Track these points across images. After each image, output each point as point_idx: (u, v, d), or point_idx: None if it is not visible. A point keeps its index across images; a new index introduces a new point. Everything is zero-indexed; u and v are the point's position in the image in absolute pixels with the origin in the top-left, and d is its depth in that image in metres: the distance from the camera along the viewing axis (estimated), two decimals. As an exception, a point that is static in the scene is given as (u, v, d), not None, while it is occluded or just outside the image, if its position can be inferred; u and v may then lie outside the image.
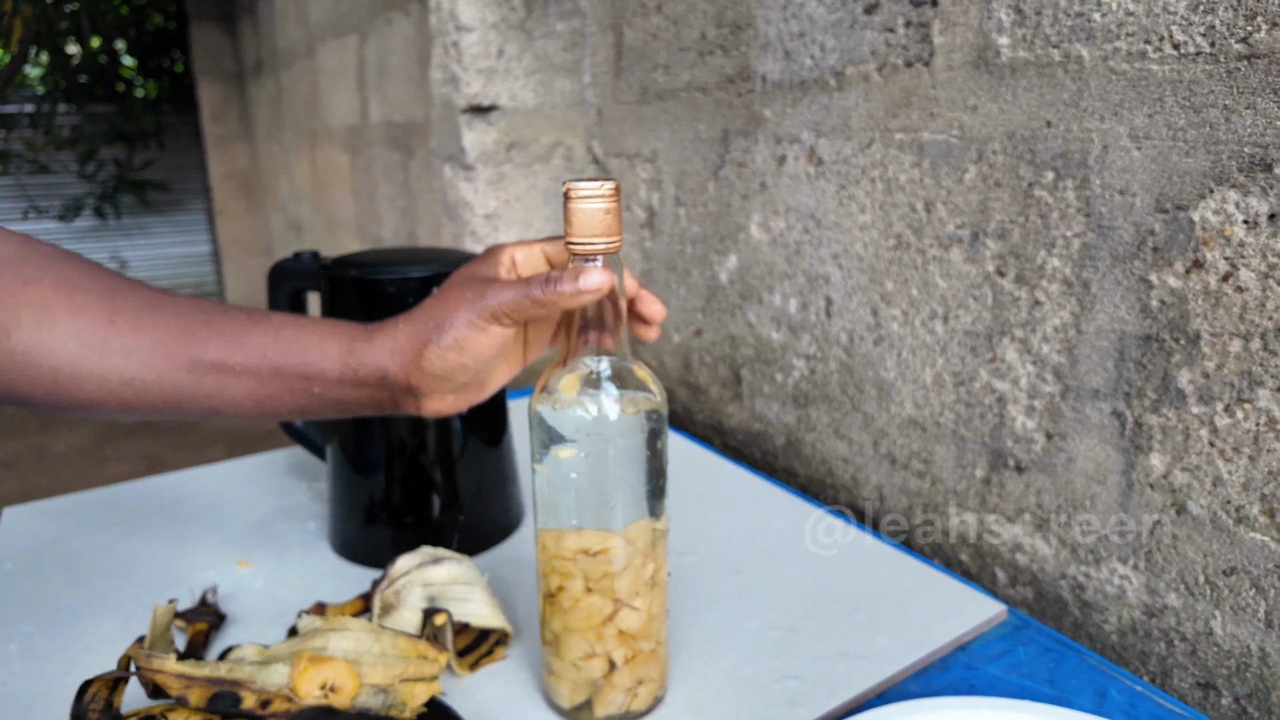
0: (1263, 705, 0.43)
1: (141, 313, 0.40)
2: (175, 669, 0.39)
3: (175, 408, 0.41)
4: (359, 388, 0.41)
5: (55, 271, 0.40)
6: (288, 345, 0.41)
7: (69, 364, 0.39)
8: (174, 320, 0.40)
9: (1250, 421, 0.42)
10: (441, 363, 0.40)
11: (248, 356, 0.40)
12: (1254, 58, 0.39)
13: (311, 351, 0.41)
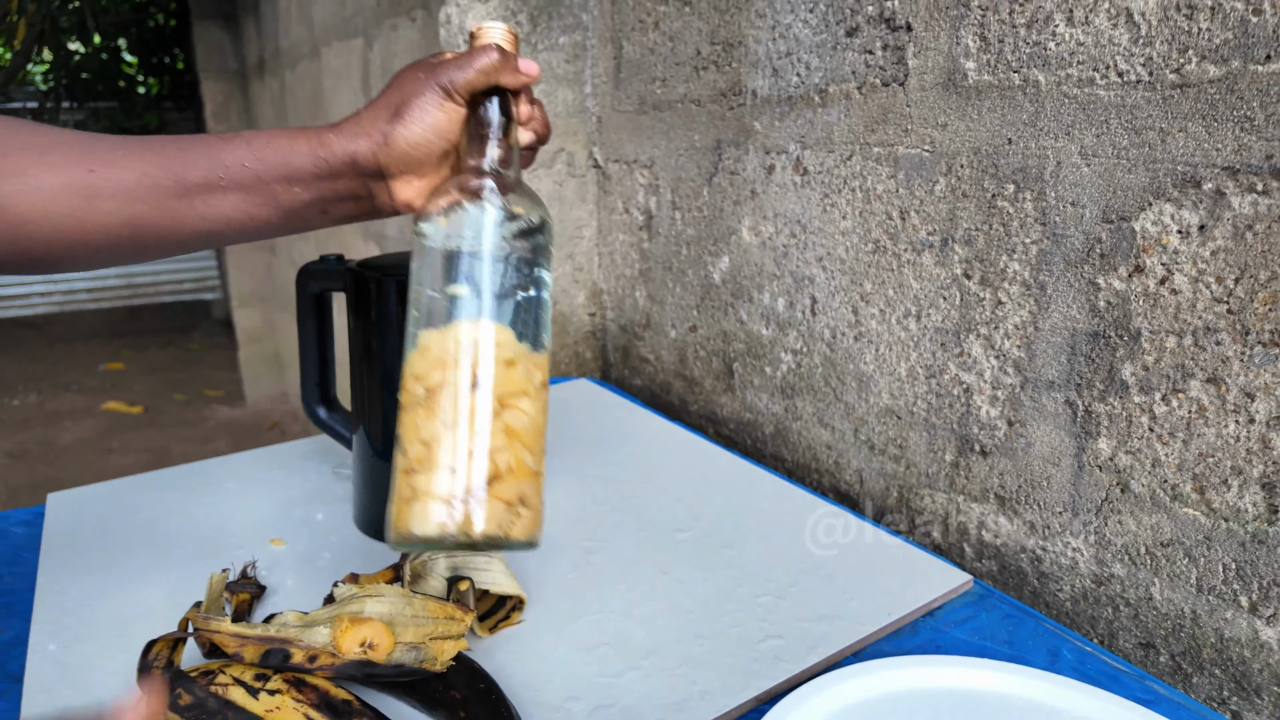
0: (1194, 661, 0.48)
1: (117, 155, 0.41)
2: (231, 629, 0.45)
3: (175, 238, 0.43)
4: (334, 179, 0.43)
5: (19, 138, 0.41)
6: (263, 152, 0.42)
7: (66, 217, 0.41)
8: (151, 154, 0.42)
9: (1183, 409, 0.47)
10: (407, 139, 0.42)
11: (229, 170, 0.42)
12: (1185, 86, 0.44)
13: (286, 152, 0.42)
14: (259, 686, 0.42)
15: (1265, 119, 0.41)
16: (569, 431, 0.82)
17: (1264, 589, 0.45)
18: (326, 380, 0.68)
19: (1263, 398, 0.43)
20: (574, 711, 0.45)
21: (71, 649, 0.50)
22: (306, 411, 0.68)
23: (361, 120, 0.43)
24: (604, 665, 0.48)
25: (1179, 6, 0.44)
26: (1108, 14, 0.47)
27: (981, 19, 0.54)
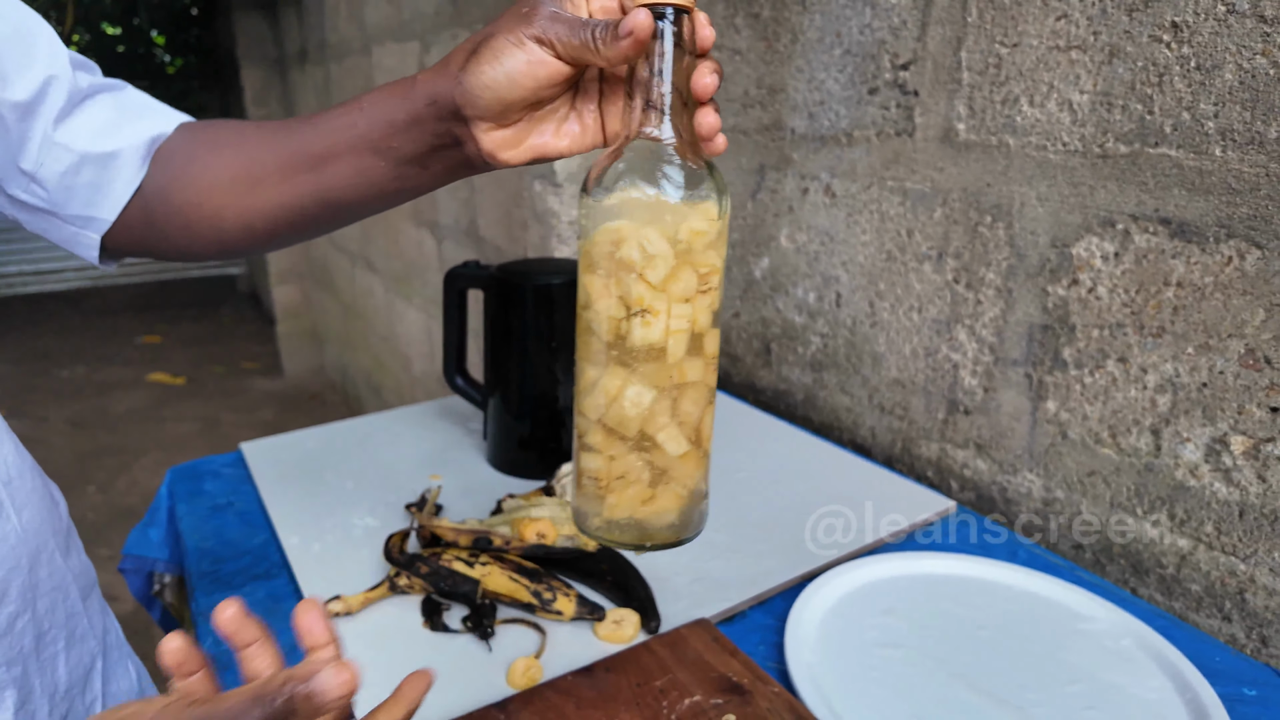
0: (1108, 555, 0.69)
1: (263, 144, 0.46)
2: (449, 524, 0.66)
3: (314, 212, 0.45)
4: (421, 124, 0.40)
5: (232, 124, 0.48)
6: (369, 109, 0.42)
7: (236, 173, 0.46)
8: (283, 135, 0.45)
9: (1103, 380, 0.67)
10: (480, 78, 0.37)
11: (342, 135, 0.42)
12: (1105, 157, 0.64)
13: (383, 104, 0.41)
14: (473, 560, 0.63)
15: (1154, 184, 0.61)
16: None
17: (1151, 502, 0.65)
18: (462, 357, 0.89)
19: (1152, 372, 0.64)
20: (679, 581, 0.66)
21: (315, 546, 0.71)
22: (448, 380, 0.89)
23: (446, 59, 0.39)
24: (694, 557, 0.69)
25: (1103, 103, 0.63)
26: (1056, 102, 0.66)
27: (970, 94, 0.73)
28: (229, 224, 0.47)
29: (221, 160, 0.47)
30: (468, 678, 0.56)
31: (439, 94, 0.39)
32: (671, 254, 0.35)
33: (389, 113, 0.41)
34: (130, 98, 0.50)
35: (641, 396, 0.36)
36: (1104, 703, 0.54)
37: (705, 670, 0.54)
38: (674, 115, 0.35)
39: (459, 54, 0.38)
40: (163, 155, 0.49)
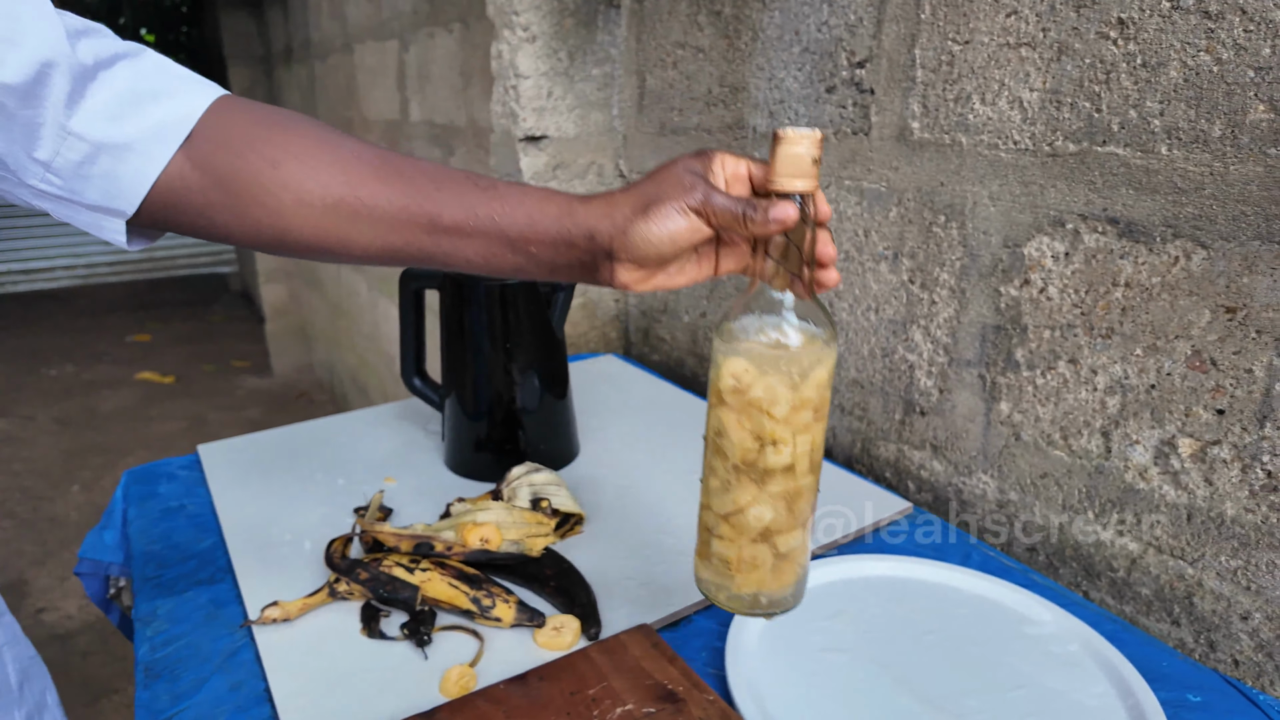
0: (1060, 557, 0.69)
1: (380, 182, 0.45)
2: (390, 530, 0.65)
3: (418, 262, 0.47)
4: (569, 248, 0.44)
5: (314, 129, 0.46)
6: (514, 210, 0.44)
7: (327, 233, 0.45)
8: (411, 189, 0.45)
9: (1054, 381, 0.66)
10: (644, 236, 0.42)
11: (479, 221, 0.44)
12: (1055, 156, 0.63)
13: (535, 215, 0.44)
14: (414, 566, 0.62)
15: (1102, 183, 0.60)
16: (601, 397, 1.02)
17: (1102, 504, 0.65)
18: (421, 358, 0.88)
19: (1102, 373, 0.63)
20: (626, 585, 0.65)
21: (261, 551, 0.70)
22: (405, 381, 0.88)
23: (613, 203, 0.43)
24: (644, 560, 0.68)
25: (1053, 101, 0.63)
26: (1007, 100, 0.66)
27: (924, 92, 0.72)
28: (309, 241, 0.46)
29: (315, 176, 0.45)
30: (403, 686, 0.55)
31: (599, 232, 0.43)
32: (795, 397, 0.42)
33: (538, 223, 0.44)
34: (148, 69, 0.45)
35: (768, 508, 0.44)
36: (1044, 709, 0.53)
37: (641, 678, 0.54)
38: (796, 269, 0.41)
39: (624, 204, 0.43)
40: (216, 140, 0.45)
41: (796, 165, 0.39)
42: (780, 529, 0.44)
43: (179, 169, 0.45)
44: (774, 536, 0.44)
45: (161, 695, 0.55)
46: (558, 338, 0.82)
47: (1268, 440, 0.54)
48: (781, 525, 0.44)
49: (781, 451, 0.43)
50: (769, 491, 0.43)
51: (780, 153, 0.39)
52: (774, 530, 0.44)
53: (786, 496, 0.44)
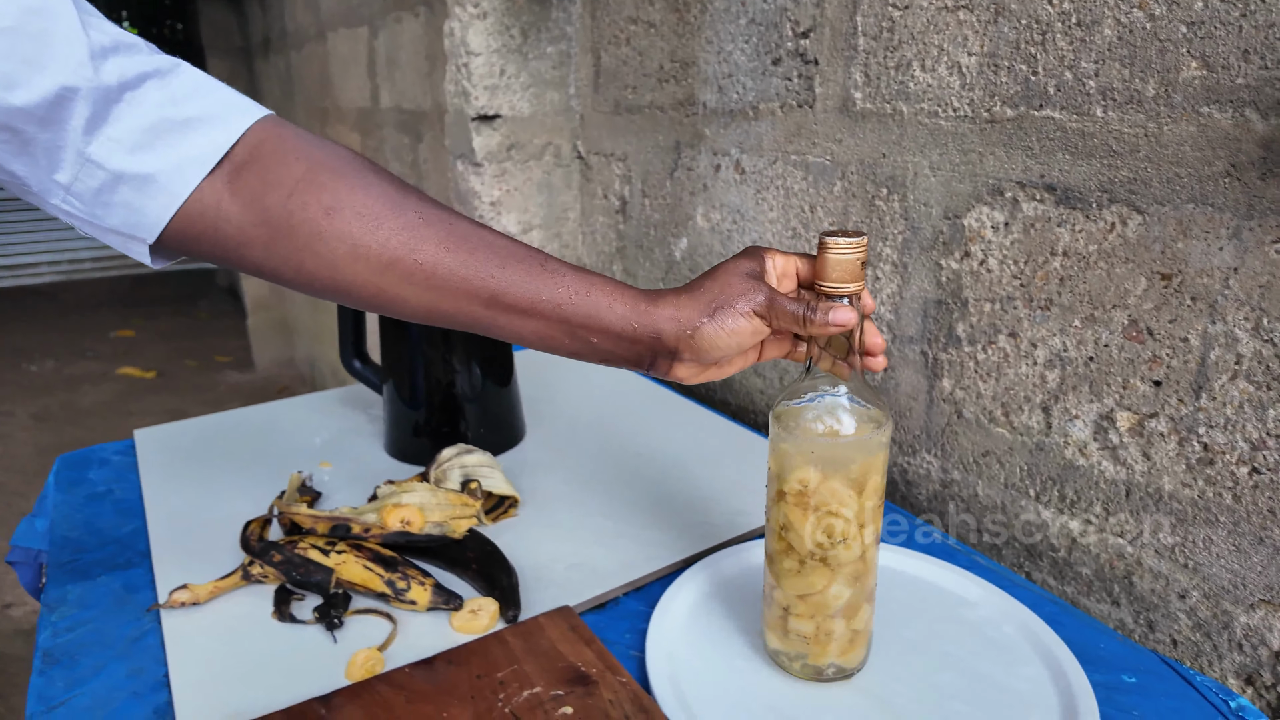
0: (1004, 539, 0.67)
1: (447, 239, 0.44)
2: (307, 512, 0.63)
3: (467, 328, 0.46)
4: (632, 344, 0.45)
5: (376, 179, 0.44)
6: (581, 300, 0.44)
7: (379, 291, 0.44)
8: (475, 260, 0.44)
9: (995, 356, 0.64)
10: (712, 339, 0.44)
11: (543, 306, 0.44)
12: (993, 122, 0.61)
13: (602, 309, 0.44)
14: (329, 548, 0.60)
15: (1039, 148, 0.58)
16: (556, 385, 1.00)
17: (1043, 483, 0.63)
18: (360, 339, 0.85)
19: (1042, 346, 0.61)
20: (555, 568, 0.63)
21: (183, 536, 0.68)
22: (344, 364, 0.86)
23: (680, 305, 0.44)
24: (579, 543, 0.66)
25: (990, 65, 0.60)
26: (946, 66, 0.63)
27: (866, 60, 0.70)
28: (360, 294, 0.45)
29: (374, 234, 0.43)
30: (308, 670, 0.53)
31: (666, 334, 0.44)
32: (858, 497, 0.46)
33: (602, 316, 0.45)
34: (180, 90, 0.43)
35: (842, 593, 0.48)
36: (970, 693, 0.51)
37: (554, 660, 0.52)
38: (843, 355, 0.44)
39: (691, 307, 0.44)
40: (265, 178, 0.43)
41: (846, 270, 0.42)
42: (853, 604, 0.48)
43: (215, 200, 0.43)
44: (848, 612, 0.48)
45: (56, 681, 0.53)
46: (497, 317, 0.80)
47: (1203, 412, 0.52)
48: (854, 600, 0.48)
49: (851, 547, 0.46)
50: (841, 575, 0.47)
51: (830, 260, 0.41)
52: (848, 606, 0.48)
53: (857, 575, 0.48)
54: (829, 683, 0.51)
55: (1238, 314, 0.49)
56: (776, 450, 0.47)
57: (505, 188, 1.10)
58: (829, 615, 0.49)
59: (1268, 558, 0.51)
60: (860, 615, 0.50)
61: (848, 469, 0.45)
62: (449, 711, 0.48)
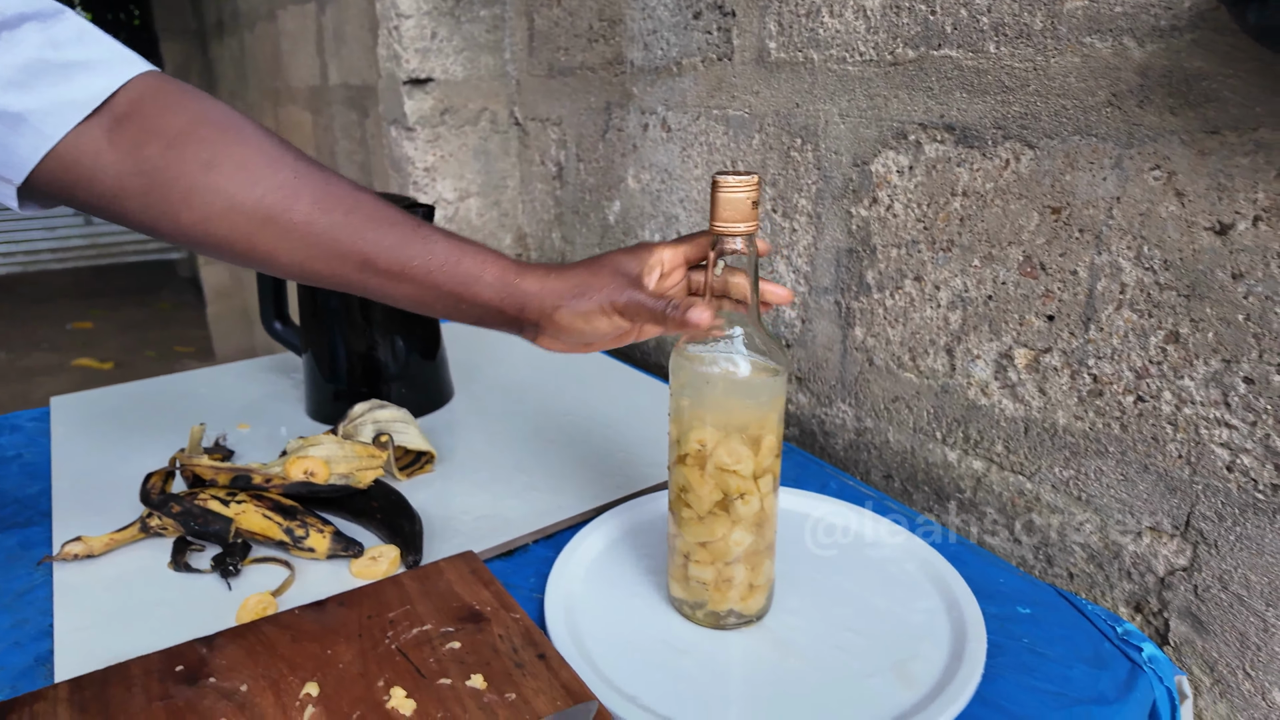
0: (913, 481, 0.67)
1: (323, 199, 0.44)
2: (208, 462, 0.62)
3: (341, 288, 0.48)
4: (499, 313, 0.48)
5: (256, 135, 0.45)
6: (452, 267, 0.46)
7: (266, 217, 0.43)
8: (348, 220, 0.45)
9: (902, 301, 0.65)
10: (569, 322, 0.47)
11: (414, 271, 0.46)
12: (896, 64, 0.61)
13: (472, 276, 0.46)
14: (229, 499, 0.59)
15: (939, 89, 0.58)
16: (487, 354, 0.99)
17: (948, 425, 0.63)
18: (281, 302, 0.84)
19: (944, 289, 0.61)
20: (463, 520, 0.62)
21: (87, 495, 0.67)
22: (265, 326, 0.84)
23: (547, 282, 0.47)
24: (492, 495, 0.66)
25: (893, 6, 0.61)
26: (852, 10, 0.63)
27: (779, 9, 0.70)
28: (233, 247, 0.45)
29: (250, 189, 0.44)
30: (199, 618, 0.52)
31: (529, 308, 0.47)
32: (753, 455, 0.46)
33: (472, 285, 0.47)
34: (62, 35, 0.42)
35: (742, 539, 0.48)
36: (865, 626, 0.51)
37: (449, 601, 0.51)
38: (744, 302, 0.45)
39: (557, 285, 0.47)
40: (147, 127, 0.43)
41: (737, 210, 0.42)
42: (754, 551, 0.49)
43: (93, 148, 0.42)
44: (747, 558, 0.49)
45: None
46: (417, 275, 0.79)
47: (1092, 344, 0.53)
48: (755, 548, 0.49)
49: (750, 502, 0.47)
50: (742, 523, 0.48)
51: (721, 199, 0.42)
52: (747, 553, 0.48)
53: (758, 523, 0.48)
54: (734, 629, 0.51)
55: (1121, 243, 0.50)
56: (676, 408, 0.47)
57: (439, 153, 1.08)
58: (729, 562, 0.49)
59: (1152, 485, 0.51)
60: (762, 566, 0.50)
61: (743, 417, 0.45)
62: (334, 649, 0.47)
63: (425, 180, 1.09)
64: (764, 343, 0.46)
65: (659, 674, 0.47)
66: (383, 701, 0.43)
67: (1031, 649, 0.50)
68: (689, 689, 0.46)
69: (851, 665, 0.48)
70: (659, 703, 0.45)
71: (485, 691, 0.44)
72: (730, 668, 0.49)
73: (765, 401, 0.46)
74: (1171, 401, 0.49)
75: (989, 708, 0.45)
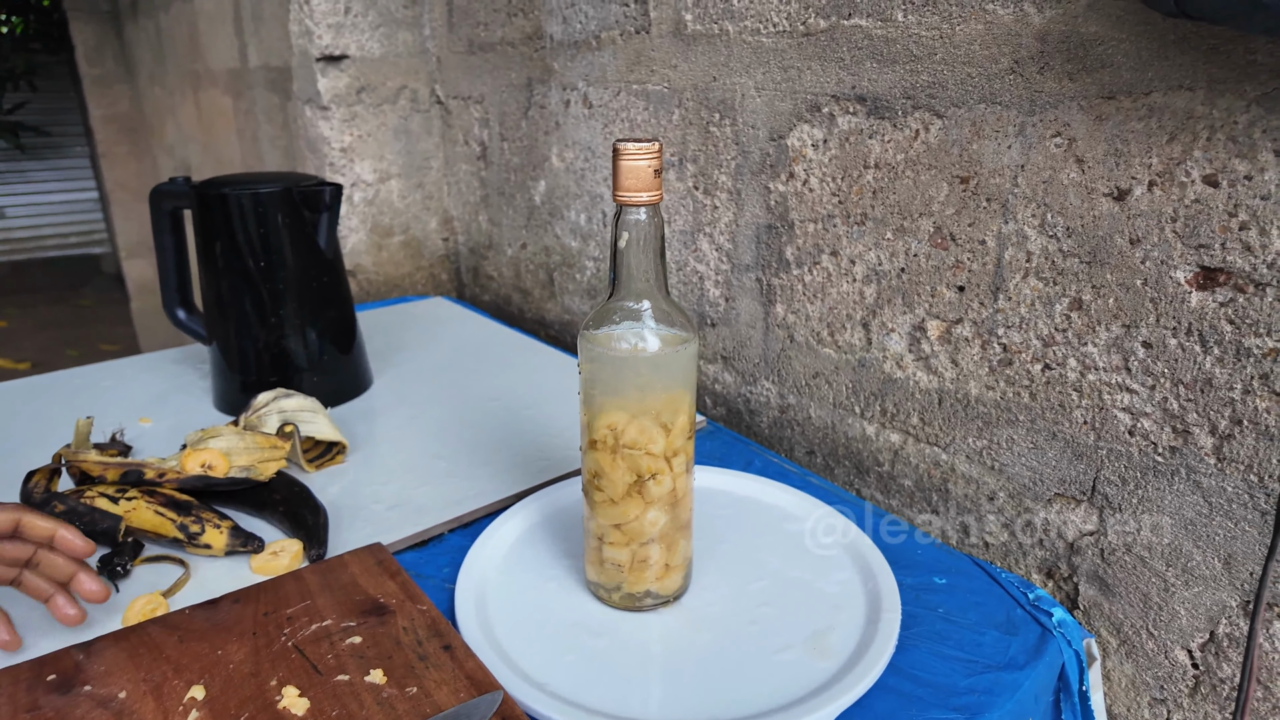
0: (835, 457, 0.67)
1: None
2: (95, 458, 0.58)
3: None
4: None
5: None
6: None
7: None
8: None
9: (820, 276, 0.64)
10: None
11: None
12: (809, 35, 0.60)
13: None
14: (118, 495, 0.55)
15: (850, 59, 0.58)
16: (410, 340, 0.96)
17: (866, 399, 0.63)
18: (185, 287, 0.80)
19: (859, 263, 0.61)
20: (374, 510, 0.60)
21: (-33, 496, 0.62)
22: (168, 314, 0.80)
23: None
24: (405, 484, 0.63)
25: (803, -25, 0.60)
26: (764, -21, 0.62)
27: (694, -20, 0.68)
28: None
29: None
30: (90, 621, 0.48)
31: None
32: (664, 434, 0.45)
33: None
34: None
35: (657, 519, 0.47)
36: (782, 598, 0.51)
37: (352, 594, 0.49)
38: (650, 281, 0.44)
39: None
40: None
41: (639, 178, 0.40)
42: (668, 531, 0.48)
43: None
44: (662, 538, 0.48)
45: None
46: (328, 257, 0.76)
47: (1001, 313, 0.53)
48: (669, 529, 0.48)
49: (662, 482, 0.46)
50: (656, 503, 0.47)
51: (623, 167, 0.40)
52: (662, 533, 0.48)
53: (672, 503, 0.47)
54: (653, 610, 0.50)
55: (1026, 211, 0.50)
56: (586, 392, 0.46)
57: (357, 133, 1.04)
58: (643, 543, 0.48)
59: (1060, 452, 0.52)
60: (677, 545, 0.49)
61: (654, 394, 0.44)
62: (225, 649, 0.44)
63: (342, 161, 1.05)
64: (672, 317, 0.45)
65: (571, 658, 0.46)
66: (274, 701, 0.41)
67: (946, 618, 0.50)
68: (601, 673, 0.45)
69: (767, 640, 0.47)
70: (569, 689, 0.44)
71: (385, 686, 0.42)
72: (645, 649, 0.48)
73: (676, 375, 0.45)
74: (1076, 368, 0.50)
75: (901, 676, 0.45)
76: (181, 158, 2.70)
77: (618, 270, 0.44)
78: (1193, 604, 0.48)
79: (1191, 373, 0.45)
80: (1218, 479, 0.45)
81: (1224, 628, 0.46)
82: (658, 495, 0.47)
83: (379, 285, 1.13)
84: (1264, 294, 0.41)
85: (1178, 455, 0.46)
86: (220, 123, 2.11)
